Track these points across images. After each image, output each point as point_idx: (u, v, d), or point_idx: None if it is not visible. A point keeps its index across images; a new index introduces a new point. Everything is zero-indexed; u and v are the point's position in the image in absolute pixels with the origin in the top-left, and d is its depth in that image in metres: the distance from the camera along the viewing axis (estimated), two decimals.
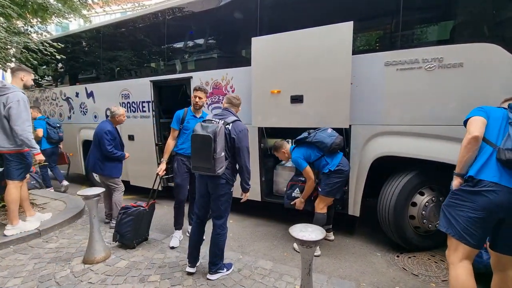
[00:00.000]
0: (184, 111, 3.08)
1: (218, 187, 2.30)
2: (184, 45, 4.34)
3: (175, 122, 3.07)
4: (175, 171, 3.08)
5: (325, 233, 1.74)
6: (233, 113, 2.46)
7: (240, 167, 2.37)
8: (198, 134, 2.19)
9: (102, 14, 7.38)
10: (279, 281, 2.38)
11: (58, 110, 5.79)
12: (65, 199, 4.34)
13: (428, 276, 2.54)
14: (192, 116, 3.07)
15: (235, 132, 2.27)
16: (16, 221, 3.15)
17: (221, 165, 2.19)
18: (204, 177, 2.32)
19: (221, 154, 2.17)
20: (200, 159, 2.21)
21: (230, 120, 2.32)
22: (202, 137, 2.16)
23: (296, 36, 3.08)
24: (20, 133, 2.88)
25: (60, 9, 4.88)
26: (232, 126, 2.29)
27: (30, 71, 3.22)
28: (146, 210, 3.03)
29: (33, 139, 2.99)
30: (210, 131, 2.14)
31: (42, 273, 2.52)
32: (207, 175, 2.26)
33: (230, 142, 2.28)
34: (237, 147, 2.28)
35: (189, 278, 2.43)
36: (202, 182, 2.37)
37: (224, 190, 2.32)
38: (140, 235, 3.04)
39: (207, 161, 2.15)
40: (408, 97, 2.75)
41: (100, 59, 5.09)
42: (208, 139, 2.12)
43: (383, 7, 2.93)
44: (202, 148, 2.16)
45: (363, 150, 3.01)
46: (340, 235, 3.39)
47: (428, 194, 2.86)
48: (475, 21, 2.61)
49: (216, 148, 2.13)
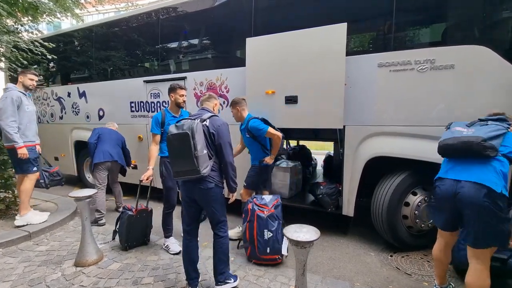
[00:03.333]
0: (162, 114, 2.92)
1: (207, 193, 2.08)
2: (178, 45, 4.32)
3: (154, 127, 2.89)
4: (164, 175, 2.92)
5: (319, 233, 1.74)
6: (209, 110, 2.29)
7: (224, 164, 2.12)
8: (173, 134, 1.97)
9: (95, 14, 7.25)
10: (274, 282, 2.38)
11: (50, 110, 5.69)
12: (57, 201, 4.27)
13: (421, 275, 2.57)
14: (172, 117, 2.92)
15: (214, 127, 2.08)
16: (23, 211, 3.36)
17: (205, 164, 1.97)
18: (189, 184, 2.10)
19: (203, 152, 1.96)
20: (180, 162, 1.98)
21: (206, 116, 2.13)
22: (178, 136, 1.94)
23: (291, 37, 3.09)
24: (3, 127, 3.10)
25: (51, 8, 4.79)
26: (209, 122, 2.09)
27: (27, 72, 3.40)
28: (134, 216, 2.93)
29: (16, 133, 3.13)
30: (186, 128, 1.93)
31: (32, 277, 2.47)
32: (192, 180, 2.03)
33: (210, 138, 2.08)
34: (218, 143, 2.08)
35: (183, 280, 2.41)
36: (187, 190, 2.14)
37: (214, 194, 2.11)
38: (132, 239, 2.96)
39: (188, 162, 1.92)
40: (401, 98, 2.78)
41: (92, 58, 5.03)
42: (185, 136, 1.91)
43: (377, 9, 2.96)
44: (180, 148, 1.94)
45: (357, 151, 3.03)
46: (334, 235, 3.40)
47: (420, 194, 2.90)
48: (466, 24, 2.67)
49: (196, 145, 1.91)
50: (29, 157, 3.24)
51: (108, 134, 3.92)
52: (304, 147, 5.82)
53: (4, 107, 3.09)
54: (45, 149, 5.75)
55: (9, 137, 3.10)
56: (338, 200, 3.32)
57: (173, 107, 2.98)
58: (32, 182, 3.38)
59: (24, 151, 3.17)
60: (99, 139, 3.83)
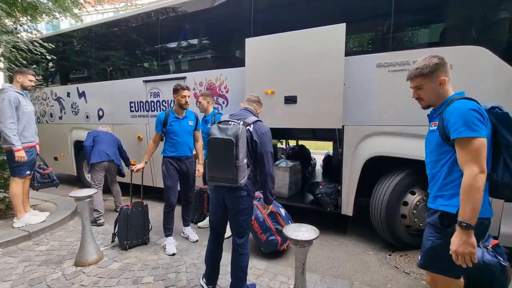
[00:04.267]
0: (166, 114, 2.98)
1: (239, 201, 1.97)
2: (177, 45, 4.32)
3: (158, 126, 3.00)
4: (164, 173, 2.97)
5: (318, 232, 1.75)
6: (253, 112, 2.13)
7: (264, 175, 1.99)
8: (217, 138, 1.85)
9: (94, 13, 7.24)
10: (273, 280, 2.40)
11: (49, 110, 5.69)
12: (56, 201, 4.27)
13: (420, 274, 2.59)
14: (174, 118, 2.97)
15: (258, 135, 1.94)
16: (19, 214, 3.34)
17: (243, 174, 1.87)
18: (220, 189, 1.99)
19: (243, 161, 1.85)
20: (219, 168, 1.88)
21: (250, 120, 1.97)
22: (223, 142, 1.82)
23: (290, 37, 3.10)
24: (1, 129, 3.07)
25: (50, 8, 4.79)
26: (253, 128, 1.95)
27: (26, 72, 3.35)
28: (129, 210, 2.94)
29: (14, 135, 3.09)
30: (230, 134, 1.81)
31: (32, 276, 2.47)
32: (226, 187, 1.94)
33: (252, 146, 1.95)
34: (260, 152, 1.94)
35: (183, 279, 2.42)
36: (218, 195, 2.03)
37: (245, 204, 1.99)
38: (132, 237, 2.96)
39: (228, 171, 1.82)
40: (400, 98, 2.79)
41: (92, 58, 5.03)
42: (229, 143, 1.79)
43: (375, 9, 2.97)
44: (222, 155, 1.83)
45: (356, 150, 3.04)
46: (333, 235, 3.42)
47: (419, 194, 2.91)
48: (464, 24, 2.68)
49: (238, 154, 1.80)
50: (26, 159, 3.19)
51: (103, 136, 3.96)
52: (304, 147, 5.85)
53: (2, 109, 3.06)
54: (45, 149, 5.78)
55: (7, 140, 3.08)
56: (337, 199, 3.34)
57: (177, 108, 3.00)
58: (18, 186, 3.28)
59: (22, 154, 3.13)
60: (95, 141, 3.85)
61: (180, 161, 3.01)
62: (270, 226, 2.81)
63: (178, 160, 2.99)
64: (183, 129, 2.99)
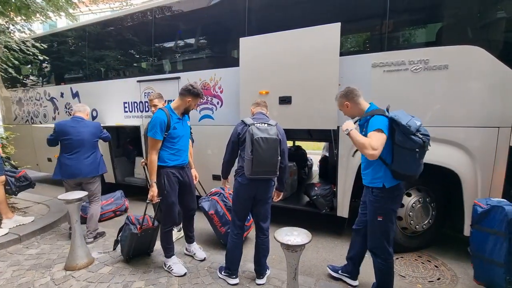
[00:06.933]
0: (167, 115, 2.39)
1: (270, 190, 2.37)
2: (171, 45, 4.27)
3: (158, 132, 2.36)
4: (167, 189, 2.44)
5: (311, 236, 1.71)
6: (267, 116, 2.45)
7: (285, 167, 2.38)
8: (268, 138, 2.15)
9: (89, 13, 7.17)
10: (267, 284, 2.35)
11: (42, 111, 5.62)
12: (49, 203, 4.22)
13: (415, 277, 2.56)
14: (177, 119, 2.48)
15: (280, 134, 2.29)
16: (6, 215, 3.32)
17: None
18: (257, 182, 2.28)
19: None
20: (269, 163, 2.18)
21: (273, 122, 2.31)
22: (272, 140, 2.15)
23: (284, 36, 3.06)
24: None
25: (44, 7, 4.72)
26: (277, 128, 2.28)
27: None
28: (138, 234, 2.60)
29: None
30: (272, 134, 2.17)
31: (21, 281, 2.42)
32: (263, 179, 2.27)
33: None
34: (282, 148, 2.30)
35: (175, 284, 2.37)
36: (252, 189, 2.31)
37: (272, 192, 2.41)
38: (135, 253, 2.75)
39: (272, 164, 2.18)
40: (395, 98, 2.75)
41: (85, 58, 4.97)
42: (276, 141, 2.17)
43: (370, 9, 2.94)
44: (270, 150, 2.15)
45: (351, 152, 3.00)
46: (329, 237, 3.38)
47: (415, 195, 2.87)
48: (460, 24, 2.65)
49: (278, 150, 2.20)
50: None
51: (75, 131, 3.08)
52: (300, 147, 5.80)
53: None
54: (38, 151, 5.73)
55: None
56: (332, 201, 3.30)
57: (181, 110, 2.51)
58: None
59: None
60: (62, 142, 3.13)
61: (183, 170, 2.57)
62: (229, 219, 2.89)
63: (180, 169, 2.55)
64: (186, 132, 2.60)
